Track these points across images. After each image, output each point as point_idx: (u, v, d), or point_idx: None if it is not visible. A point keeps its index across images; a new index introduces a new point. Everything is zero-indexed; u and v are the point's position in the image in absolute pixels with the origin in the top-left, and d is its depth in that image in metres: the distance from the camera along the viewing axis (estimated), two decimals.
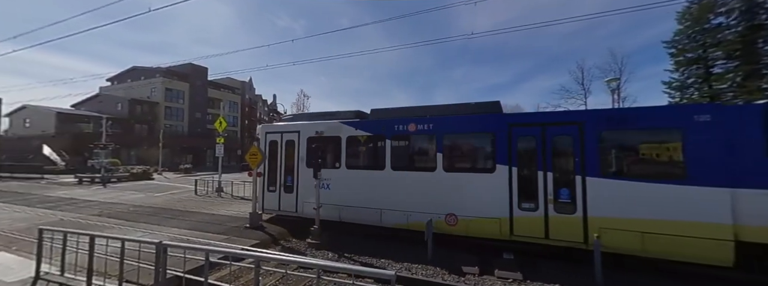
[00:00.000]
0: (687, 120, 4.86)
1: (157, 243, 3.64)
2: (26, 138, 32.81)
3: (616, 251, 5.11)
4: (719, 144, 4.65)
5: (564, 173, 5.53)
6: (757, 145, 4.52)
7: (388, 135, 7.01)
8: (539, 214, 5.54)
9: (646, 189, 4.95)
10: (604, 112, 5.78)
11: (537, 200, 5.59)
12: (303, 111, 39.13)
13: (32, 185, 17.56)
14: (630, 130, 5.26)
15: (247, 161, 7.82)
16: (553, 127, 5.69)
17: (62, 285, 4.12)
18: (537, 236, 5.54)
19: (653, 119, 5.16)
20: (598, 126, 5.36)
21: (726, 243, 4.47)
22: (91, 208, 10.26)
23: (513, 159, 5.85)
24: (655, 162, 5.27)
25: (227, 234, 6.91)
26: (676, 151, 5.02)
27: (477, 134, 6.45)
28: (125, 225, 7.78)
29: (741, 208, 4.50)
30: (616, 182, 5.15)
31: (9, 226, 7.48)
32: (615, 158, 5.44)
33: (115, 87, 42.54)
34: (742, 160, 4.55)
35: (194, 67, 41.07)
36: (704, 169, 4.68)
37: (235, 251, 3.67)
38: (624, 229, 5.03)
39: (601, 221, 5.15)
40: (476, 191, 6.08)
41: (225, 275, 4.63)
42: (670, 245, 4.78)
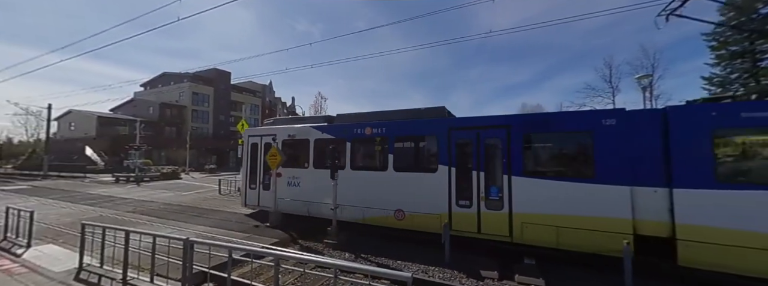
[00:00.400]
0: (596, 124, 5.29)
1: (184, 240, 3.83)
2: (71, 140, 35.80)
3: (534, 244, 5.59)
4: (622, 146, 5.05)
5: (494, 172, 6.02)
6: (655, 146, 4.90)
7: (349, 138, 7.65)
8: (473, 210, 6.07)
9: (561, 187, 5.39)
10: (529, 116, 6.30)
11: (471, 197, 6.11)
12: (321, 113, 39.92)
13: (76, 183, 19.09)
14: (549, 133, 5.75)
15: (267, 161, 8.07)
16: (485, 131, 6.16)
17: (101, 277, 4.45)
18: (471, 230, 6.05)
19: (568, 123, 5.62)
20: (522, 129, 5.84)
21: (626, 236, 4.79)
22: (127, 205, 10.99)
23: (452, 160, 6.35)
24: (570, 162, 5.73)
25: (248, 232, 7.15)
26: (587, 152, 5.42)
27: (422, 137, 6.96)
28: (156, 222, 8.27)
29: (638, 204, 4.92)
30: (537, 180, 5.60)
31: (56, 220, 8.17)
32: (536, 159, 5.93)
33: (148, 92, 45.47)
34: (641, 160, 4.95)
35: (218, 72, 43.10)
36: (609, 168, 5.10)
37: (256, 249, 3.79)
38: (542, 224, 5.48)
39: (524, 216, 5.65)
40: (421, 189, 6.61)
41: (246, 272, 4.79)
42: (580, 238, 5.21)
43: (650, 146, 4.95)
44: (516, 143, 5.83)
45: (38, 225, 6.51)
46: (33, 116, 35.31)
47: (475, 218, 6.04)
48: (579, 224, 5.22)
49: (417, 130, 7.00)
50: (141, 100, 43.54)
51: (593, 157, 5.28)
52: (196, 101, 44.01)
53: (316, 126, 8.33)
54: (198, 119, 44.33)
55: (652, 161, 4.91)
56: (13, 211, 6.25)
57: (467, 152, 6.31)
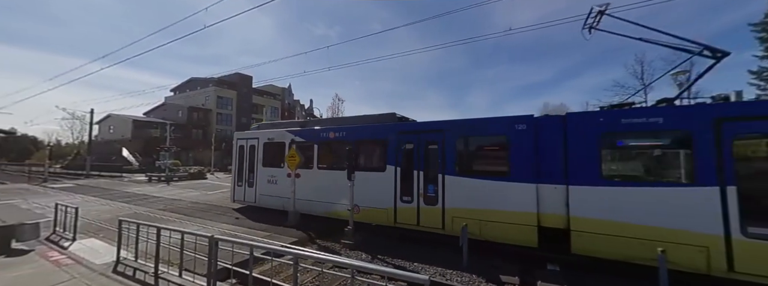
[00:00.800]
0: (510, 129, 5.96)
1: (209, 237, 4.02)
2: (110, 142, 38.68)
3: (453, 234, 6.18)
4: (531, 148, 5.71)
5: (431, 172, 6.77)
6: (557, 148, 5.51)
7: (316, 141, 8.63)
8: (414, 205, 6.81)
9: (483, 185, 6.11)
10: (459, 121, 6.78)
11: (412, 194, 6.87)
12: (338, 115, 40.56)
13: (114, 181, 20.58)
14: (474, 137, 6.48)
15: (287, 162, 8.29)
16: (425, 135, 6.94)
17: (136, 270, 4.76)
18: (412, 223, 6.79)
19: (489, 128, 6.33)
20: (454, 134, 6.55)
21: (533, 228, 5.58)
22: (158, 203, 11.70)
23: (398, 161, 7.18)
24: (490, 163, 6.43)
25: (268, 231, 7.38)
26: (504, 153, 6.04)
27: (375, 140, 7.76)
28: (184, 219, 8.73)
29: (542, 199, 5.58)
30: (465, 179, 6.33)
31: (97, 217, 8.85)
32: (464, 160, 6.55)
33: (177, 96, 48.24)
34: (545, 160, 5.59)
35: (241, 76, 44.97)
36: (520, 168, 5.77)
37: (276, 248, 3.91)
38: (468, 217, 6.15)
39: (454, 211, 6.38)
40: (373, 186, 7.44)
41: (267, 270, 4.95)
42: (498, 230, 5.91)
43: (552, 147, 5.59)
44: (449, 145, 6.59)
45: (82, 220, 7.06)
46: (78, 120, 38.60)
47: (415, 212, 6.84)
48: (497, 218, 5.94)
49: (370, 135, 7.86)
50: (171, 104, 46.27)
51: (508, 158, 5.96)
52: (220, 105, 46.15)
53: (290, 130, 9.32)
54: (222, 122, 46.43)
55: (553, 161, 5.55)
56: (61, 207, 6.85)
57: (410, 153, 7.11)
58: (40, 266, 4.95)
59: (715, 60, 5.30)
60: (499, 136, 6.18)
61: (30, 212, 9.52)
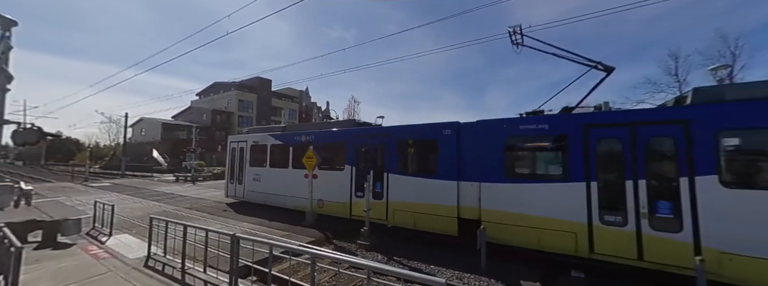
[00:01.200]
0: (439, 133, 6.89)
1: (231, 235, 4.18)
2: (142, 144, 41.25)
3: (400, 226, 7.32)
4: (454, 150, 6.64)
5: (378, 171, 7.79)
6: (472, 150, 6.41)
7: (291, 143, 9.86)
8: (364, 199, 7.40)
9: (417, 182, 7.08)
10: (402, 126, 7.94)
11: (364, 190, 7.56)
12: (354, 116, 40.92)
13: (145, 181, 21.92)
14: (413, 140, 7.47)
15: (304, 163, 8.47)
16: (375, 138, 7.98)
17: (165, 265, 5.03)
18: (363, 215, 7.31)
19: (423, 133, 7.30)
20: (397, 137, 7.62)
21: (454, 219, 6.51)
22: (185, 201, 12.32)
23: (353, 161, 8.21)
24: (423, 163, 7.43)
25: (287, 231, 7.56)
26: (433, 155, 6.99)
27: (336, 143, 8.83)
28: (208, 217, 9.14)
29: (462, 194, 6.48)
30: (403, 177, 7.37)
31: (130, 214, 9.45)
32: (404, 160, 7.57)
33: (202, 100, 50.68)
34: (465, 160, 6.52)
35: (261, 80, 46.53)
36: (446, 167, 6.69)
37: (294, 247, 3.99)
38: (405, 210, 7.21)
39: (395, 204, 7.43)
40: (335, 183, 8.52)
41: (285, 268, 5.06)
42: (427, 221, 6.83)
43: (470, 149, 6.49)
44: (392, 148, 7.63)
45: (117, 217, 7.57)
46: (114, 123, 41.43)
47: (373, 207, 7.54)
48: (427, 210, 6.83)
49: (332, 138, 9.03)
50: (196, 107, 48.70)
51: (437, 158, 6.90)
52: (241, 107, 47.99)
53: (271, 134, 10.58)
54: (244, 124, 48.20)
55: (471, 161, 6.44)
56: (99, 204, 7.39)
57: (362, 154, 8.18)
58: (81, 258, 5.36)
59: (607, 73, 6.23)
60: (431, 140, 7.09)
61: (73, 208, 10.33)
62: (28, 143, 5.04)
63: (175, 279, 4.52)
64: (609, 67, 6.21)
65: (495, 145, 6.11)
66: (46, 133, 5.12)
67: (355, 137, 8.38)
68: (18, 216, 6.63)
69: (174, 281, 4.44)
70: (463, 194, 6.47)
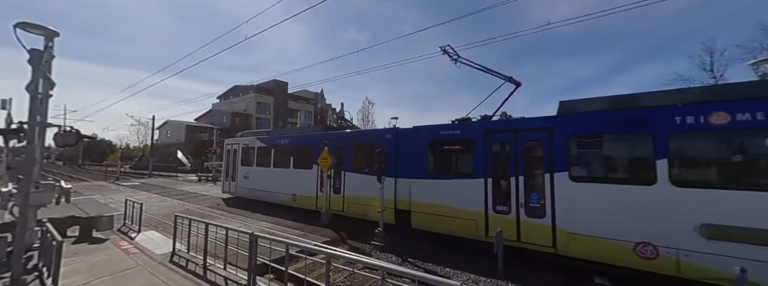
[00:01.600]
0: (383, 137, 8.23)
1: (250, 234, 4.31)
2: (168, 145, 43.42)
3: (353, 216, 8.51)
4: (393, 151, 7.86)
5: (338, 170, 9.12)
6: (407, 151, 7.60)
7: (273, 145, 11.47)
8: (327, 194, 9.13)
9: (366, 179, 8.19)
10: (357, 131, 10.45)
11: (325, 186, 9.23)
12: (368, 118, 41.21)
13: (170, 181, 23.03)
14: (364, 143, 8.87)
15: (319, 164, 8.61)
16: (335, 142, 9.22)
17: (188, 261, 5.26)
18: (323, 207, 8.84)
19: (373, 137, 8.75)
20: (353, 141, 9.14)
21: (392, 210, 7.65)
22: (206, 200, 12.84)
23: (398, 161, 8.56)
24: (372, 162, 8.10)
25: (303, 230, 7.70)
26: (380, 156, 7.45)
27: (307, 146, 10.11)
28: (228, 216, 9.47)
29: (398, 189, 7.69)
30: (357, 175, 8.65)
31: (157, 212, 9.96)
32: (357, 161, 8.88)
33: (222, 103, 52.68)
34: (401, 160, 7.73)
35: (277, 83, 47.75)
36: (388, 166, 7.60)
37: (309, 247, 4.06)
38: (358, 203, 8.49)
39: (350, 198, 8.74)
40: (306, 180, 9.93)
41: (301, 267, 5.15)
42: (372, 212, 7.69)
43: (406, 151, 7.70)
44: (350, 149, 9.10)
45: (145, 215, 8.00)
46: (142, 126, 43.88)
47: (327, 200, 9.09)
48: (373, 203, 7.73)
49: (305, 141, 10.33)
50: (217, 110, 50.68)
51: (388, 159, 7.82)
52: (259, 110, 49.46)
53: (258, 138, 12.25)
54: (261, 126, 49.62)
55: (405, 161, 7.68)
56: (129, 203, 7.84)
57: (339, 155, 9.16)
58: (113, 253, 5.70)
59: (516, 86, 7.61)
60: (377, 143, 8.18)
61: (106, 206, 11.02)
62: (67, 144, 5.44)
63: (197, 275, 4.71)
64: (517, 82, 7.64)
65: (422, 147, 7.35)
66: (83, 135, 5.50)
67: (322, 141, 9.41)
68: (59, 212, 7.16)
69: (196, 277, 4.63)
70: (399, 189, 7.71)
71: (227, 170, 13.67)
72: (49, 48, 4.58)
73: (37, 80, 4.42)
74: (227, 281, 4.47)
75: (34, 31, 4.41)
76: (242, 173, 12.59)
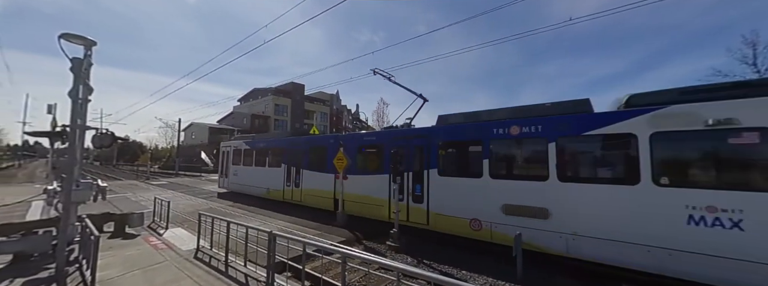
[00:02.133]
0: (328, 141, 10.35)
1: (268, 232, 4.43)
2: (192, 146, 45.57)
3: (305, 205, 10.72)
4: (334, 153, 9.17)
5: (297, 168, 11.33)
6: (345, 153, 8.80)
7: (254, 148, 13.92)
8: (291, 188, 11.48)
9: (317, 175, 10.44)
10: (310, 137, 11.89)
11: (291, 181, 11.53)
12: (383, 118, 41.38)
13: (195, 180, 24.13)
14: (315, 146, 10.93)
15: (335, 165, 8.73)
16: (297, 145, 11.54)
17: (211, 257, 5.49)
18: (289, 198, 11.40)
19: (321, 142, 10.74)
20: (308, 145, 11.23)
21: (331, 199, 9.72)
22: (227, 199, 13.34)
23: (286, 161, 11.84)
24: (321, 162, 10.33)
25: (319, 230, 7.83)
26: (326, 156, 9.98)
27: (277, 148, 12.63)
28: (248, 214, 9.79)
29: (336, 183, 9.50)
30: (311, 172, 10.71)
31: (182, 210, 10.47)
32: (312, 160, 10.83)
33: (242, 106, 54.64)
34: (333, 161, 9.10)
35: (294, 85, 48.94)
36: (330, 165, 9.29)
37: (326, 246, 4.12)
38: (311, 195, 10.62)
39: (306, 190, 10.86)
40: (277, 176, 12.16)
41: (317, 266, 5.23)
42: (320, 201, 10.12)
43: (344, 152, 8.82)
44: (306, 151, 11.15)
45: (172, 212, 8.42)
46: (169, 128, 46.35)
47: (291, 192, 11.52)
48: (320, 194, 10.19)
49: (278, 145, 12.66)
50: (237, 112, 52.62)
51: (326, 159, 9.96)
52: (277, 112, 50.87)
53: (244, 141, 14.66)
54: (279, 127, 51.05)
55: None
56: (158, 201, 8.30)
57: (290, 157, 11.79)
58: (144, 249, 6.05)
59: (424, 101, 9.97)
60: (324, 146, 10.40)
61: (137, 203, 11.72)
62: (104, 145, 5.85)
63: (219, 271, 4.91)
64: (425, 98, 10.00)
65: (353, 150, 9.30)
66: (117, 137, 5.89)
67: (288, 144, 12.09)
68: (96, 209, 7.70)
69: (219, 273, 4.82)
70: (337, 183, 9.44)
71: (222, 168, 16.20)
72: (87, 56, 4.94)
73: (78, 86, 4.78)
74: (247, 278, 4.62)
75: (75, 41, 4.78)
76: (232, 171, 15.13)
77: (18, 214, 8.94)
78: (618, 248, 4.81)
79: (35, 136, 6.44)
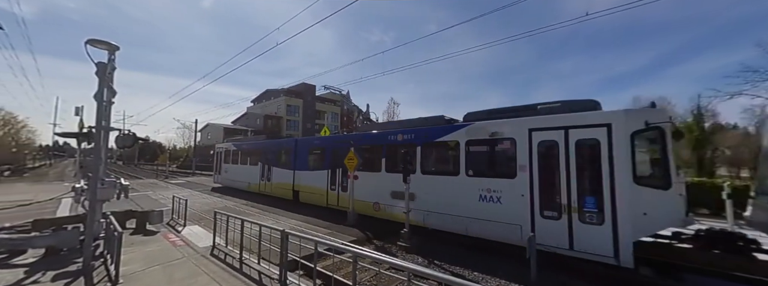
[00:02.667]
0: (290, 144, 13.06)
1: (281, 231, 4.51)
2: (208, 146, 46.95)
3: (277, 196, 13.22)
4: (292, 153, 12.67)
5: (270, 166, 14.02)
6: (300, 154, 12.29)
7: (239, 149, 16.91)
8: (265, 182, 14.15)
9: (281, 171, 13.15)
10: (278, 140, 15.24)
11: (264, 177, 14.28)
12: (394, 118, 41.47)
13: (210, 179, 24.85)
14: (280, 148, 13.74)
15: (346, 164, 8.78)
16: (269, 146, 14.53)
17: (226, 255, 5.64)
18: (263, 190, 14.20)
19: (285, 144, 13.63)
20: (276, 147, 14.03)
21: (290, 190, 12.43)
22: (242, 198, 13.68)
23: (262, 160, 14.58)
24: (285, 161, 13.18)
25: (330, 229, 7.90)
26: (287, 156, 13.03)
27: (254, 149, 15.59)
28: (261, 213, 10.01)
29: (295, 178, 12.31)
30: (277, 168, 13.45)
31: (199, 208, 10.82)
32: (278, 159, 13.60)
33: (255, 106, 55.83)
34: (297, 159, 12.32)
35: (306, 86, 49.56)
36: (291, 163, 12.59)
37: (337, 245, 4.16)
38: (278, 187, 13.20)
39: (274, 183, 13.48)
40: (254, 173, 14.93)
41: (329, 265, 5.28)
42: (285, 192, 12.71)
43: (300, 153, 12.23)
44: (274, 152, 13.87)
45: (189, 210, 8.72)
46: (187, 129, 47.95)
47: (264, 185, 14.16)
48: (284, 186, 12.78)
49: (256, 146, 15.59)
50: (251, 113, 53.82)
51: (288, 159, 12.92)
52: (289, 112, 51.69)
53: (232, 143, 18.02)
54: (291, 128, 51.89)
55: (299, 159, 12.22)
56: (176, 199, 8.60)
57: (268, 157, 14.30)
58: (163, 245, 6.29)
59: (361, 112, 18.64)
60: (287, 148, 13.14)
61: (157, 201, 12.20)
62: (126, 146, 6.11)
63: (234, 268, 5.04)
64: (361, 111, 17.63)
65: (305, 152, 12.12)
66: (139, 137, 6.14)
67: (262, 146, 15.08)
68: (119, 206, 8.07)
69: (234, 270, 4.95)
70: (295, 177, 12.32)
71: (215, 166, 19.52)
72: (111, 60, 5.18)
73: (103, 89, 5.01)
74: (261, 276, 4.72)
75: (100, 47, 5.02)
76: (224, 169, 18.20)
77: (49, 210, 9.49)
78: (448, 220, 7.04)
79: (64, 137, 6.82)
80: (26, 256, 5.41)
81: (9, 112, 43.09)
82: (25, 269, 4.79)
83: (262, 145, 14.98)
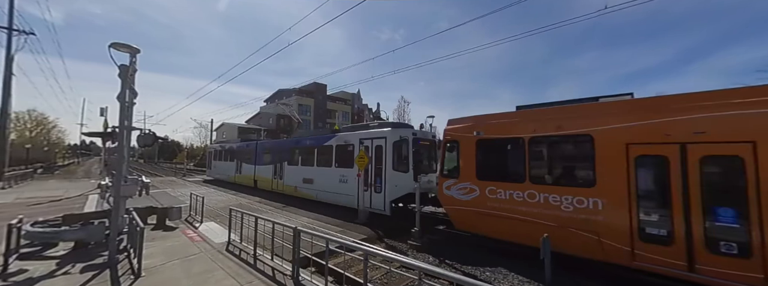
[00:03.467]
0: (253, 145, 17.85)
1: (293, 228, 4.59)
2: None
3: (241, 184, 17.96)
4: (253, 152, 17.28)
5: (240, 162, 18.53)
6: (260, 153, 16.72)
7: (222, 149, 21.48)
8: (238, 174, 18.65)
9: (247, 166, 17.64)
10: (256, 142, 18.26)
11: (238, 170, 18.71)
12: (404, 117, 41.38)
13: None
14: (249, 148, 17.78)
15: (356, 163, 8.83)
16: (242, 147, 18.71)
17: (241, 251, 5.79)
18: (244, 183, 17.68)
19: (250, 146, 17.92)
20: (246, 147, 18.26)
21: (253, 180, 16.98)
22: (255, 195, 14.01)
23: (236, 157, 19.11)
24: (249, 158, 17.50)
25: (342, 227, 7.98)
26: (251, 155, 17.45)
27: (232, 149, 19.87)
28: (273, 210, 10.22)
29: (256, 171, 16.78)
30: (261, 167, 16.24)
31: (215, 205, 11.15)
32: (259, 157, 16.56)
33: (268, 106, 56.91)
34: (258, 157, 16.70)
35: (317, 85, 50.09)
36: (254, 160, 16.99)
37: (348, 243, 4.19)
38: (247, 178, 17.49)
39: (241, 175, 18.19)
40: (229, 168, 19.62)
41: (340, 263, 5.35)
42: (249, 181, 17.22)
43: (260, 152, 16.56)
44: (247, 151, 17.76)
45: (206, 207, 9.01)
46: (203, 128, 49.46)
47: (238, 177, 18.49)
48: (250, 177, 17.03)
49: (244, 147, 18.26)
50: (264, 113, 54.92)
51: (252, 156, 17.14)
52: (300, 111, 52.32)
53: (220, 144, 22.50)
54: (302, 127, 52.48)
55: (258, 156, 16.60)
56: (194, 196, 8.90)
57: (238, 154, 18.81)
58: (182, 240, 6.53)
59: None
60: (251, 148, 17.21)
61: (176, 198, 12.66)
62: (146, 144, 6.37)
63: (248, 264, 5.17)
64: (299, 120, 22.64)
65: (262, 151, 16.05)
66: (158, 137, 6.39)
67: (236, 146, 19.25)
68: (140, 203, 8.43)
69: (248, 266, 5.09)
70: (256, 170, 16.33)
71: (207, 163, 24.25)
72: (132, 63, 5.40)
73: (125, 91, 5.24)
74: (274, 271, 4.82)
75: (122, 50, 5.24)
76: (213, 165, 22.59)
77: (77, 206, 10.03)
78: (328, 195, 11.02)
79: (90, 136, 7.47)
80: (57, 249, 5.75)
81: (41, 114, 45.83)
82: (56, 261, 5.08)
83: (237, 146, 19.26)
